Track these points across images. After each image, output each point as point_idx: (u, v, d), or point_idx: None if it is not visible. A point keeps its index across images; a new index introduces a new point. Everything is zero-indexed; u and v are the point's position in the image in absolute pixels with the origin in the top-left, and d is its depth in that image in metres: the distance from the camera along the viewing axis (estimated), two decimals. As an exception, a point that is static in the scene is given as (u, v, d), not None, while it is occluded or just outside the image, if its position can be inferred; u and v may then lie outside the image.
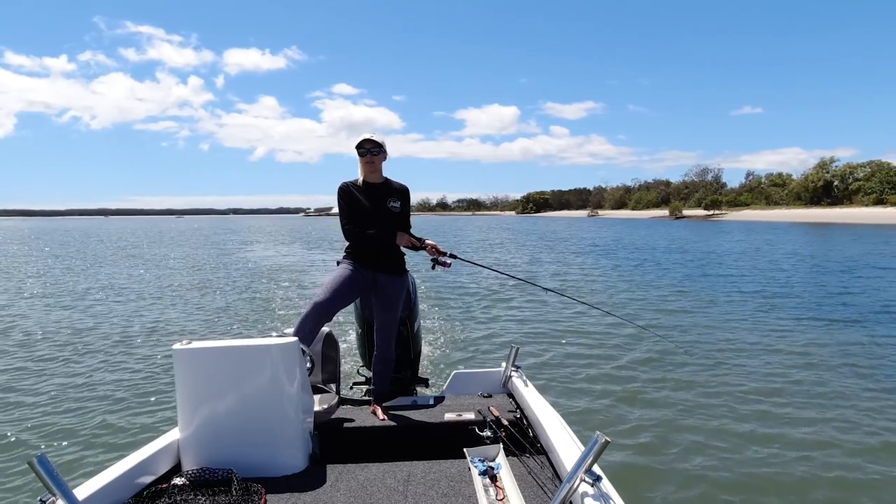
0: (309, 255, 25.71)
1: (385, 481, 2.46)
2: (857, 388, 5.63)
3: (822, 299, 11.11)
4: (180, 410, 2.57)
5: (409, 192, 3.47)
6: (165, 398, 5.50)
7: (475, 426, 3.00)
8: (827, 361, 6.57)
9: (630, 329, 8.33)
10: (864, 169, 74.50)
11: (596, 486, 1.80)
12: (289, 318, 9.87)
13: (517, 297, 11.85)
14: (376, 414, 3.20)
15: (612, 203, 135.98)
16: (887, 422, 4.77)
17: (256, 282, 15.26)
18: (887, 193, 65.99)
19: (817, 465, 4.04)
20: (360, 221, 3.29)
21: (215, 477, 2.35)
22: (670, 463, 4.09)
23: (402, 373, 3.83)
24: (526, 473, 2.45)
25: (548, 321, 9.26)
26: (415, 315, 3.98)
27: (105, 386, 6.00)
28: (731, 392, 5.53)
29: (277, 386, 2.56)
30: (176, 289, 14.04)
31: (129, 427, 4.89)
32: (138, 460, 2.36)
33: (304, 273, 17.41)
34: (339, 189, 3.36)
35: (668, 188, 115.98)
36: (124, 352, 7.50)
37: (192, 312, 10.66)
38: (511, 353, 3.58)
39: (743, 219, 71.61)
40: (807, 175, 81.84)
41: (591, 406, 5.25)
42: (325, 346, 3.50)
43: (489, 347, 7.56)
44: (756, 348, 7.26)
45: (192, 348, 2.51)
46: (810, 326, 8.57)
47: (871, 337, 7.76)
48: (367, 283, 3.34)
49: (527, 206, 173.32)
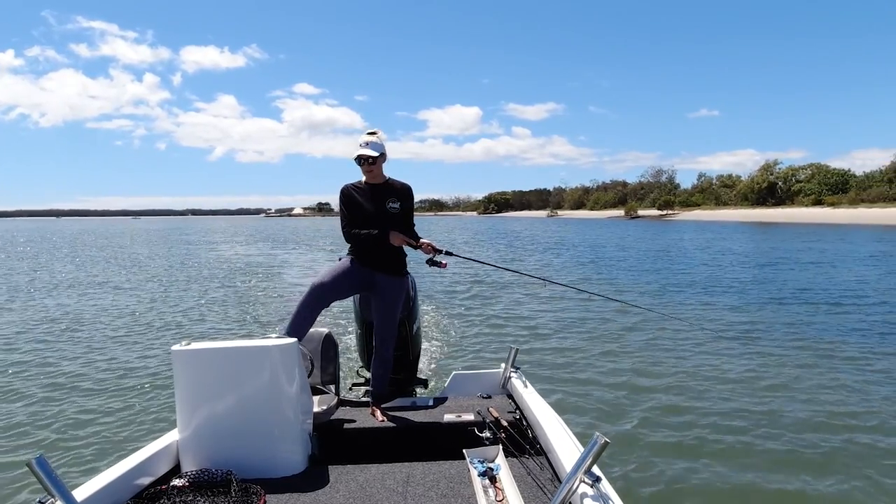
0: (292, 253, 26.22)
1: (384, 482, 2.46)
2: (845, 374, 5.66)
3: (798, 294, 11.61)
4: (179, 412, 2.56)
5: (411, 190, 3.49)
6: (164, 399, 5.49)
7: (474, 427, 3.00)
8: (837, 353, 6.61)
9: (628, 329, 8.34)
10: (805, 171, 78.83)
11: (595, 486, 1.80)
12: (287, 318, 9.85)
13: (517, 296, 11.85)
14: (375, 415, 3.20)
15: (572, 203, 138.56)
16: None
17: (246, 280, 15.30)
18: (825, 195, 69.74)
19: (817, 464, 4.05)
20: (359, 223, 3.33)
21: (214, 478, 2.35)
22: (670, 463, 4.09)
23: (401, 374, 3.83)
24: (525, 474, 2.45)
25: (547, 322, 9.26)
26: (414, 316, 3.98)
27: (104, 387, 5.99)
28: (731, 393, 5.54)
29: (277, 387, 2.56)
30: (174, 289, 14.03)
31: (127, 428, 4.88)
32: (137, 461, 2.36)
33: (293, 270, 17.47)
34: (340, 192, 3.42)
35: (625, 189, 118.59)
36: (123, 352, 7.49)
37: (191, 312, 10.65)
38: (510, 354, 3.58)
39: (694, 218, 74.96)
40: (752, 177, 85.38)
41: (590, 407, 5.25)
42: (325, 346, 3.50)
43: (488, 348, 7.56)
44: (751, 348, 7.28)
45: (191, 349, 2.51)
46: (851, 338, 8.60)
47: (793, 315, 9.21)
48: (366, 281, 3.35)
49: (488, 206, 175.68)
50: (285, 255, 25.73)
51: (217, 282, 15.56)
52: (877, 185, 64.36)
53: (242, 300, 12.19)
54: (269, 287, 14.30)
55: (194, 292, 13.55)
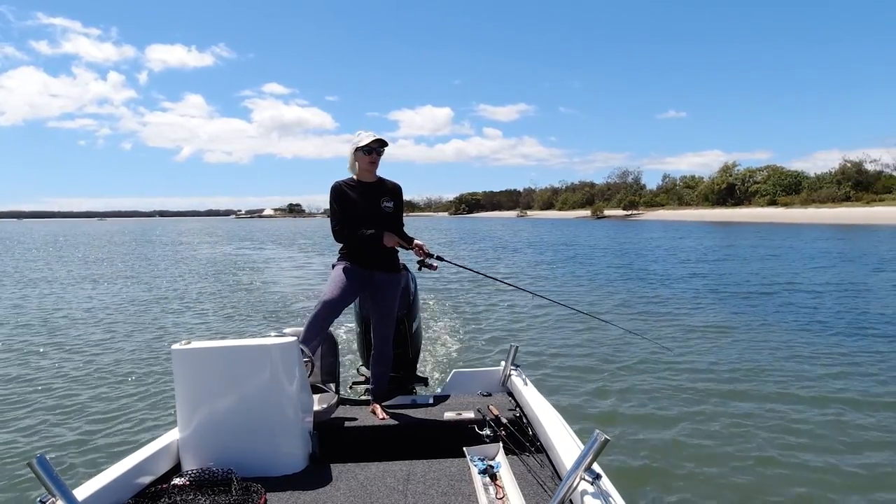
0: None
1: (385, 480, 2.46)
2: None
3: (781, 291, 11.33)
4: (179, 411, 2.56)
5: (401, 190, 3.45)
6: (165, 398, 5.49)
7: (475, 425, 3.00)
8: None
9: (627, 328, 8.34)
10: (762, 173, 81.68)
11: (595, 484, 1.80)
12: (286, 317, 9.88)
13: (516, 297, 11.85)
14: (376, 413, 3.20)
15: (541, 204, 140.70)
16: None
17: (240, 277, 15.30)
18: (779, 195, 73.38)
19: (817, 464, 4.05)
20: (353, 221, 3.27)
21: (215, 477, 2.35)
22: (670, 461, 4.09)
23: (401, 372, 3.83)
24: (525, 472, 2.45)
25: (547, 320, 9.27)
26: (414, 314, 3.97)
27: (104, 386, 6.00)
28: (731, 390, 5.54)
29: (277, 386, 2.56)
30: (172, 289, 14.03)
31: (128, 427, 4.88)
32: (138, 460, 2.36)
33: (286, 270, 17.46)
34: (332, 189, 3.32)
35: (593, 190, 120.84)
36: (122, 352, 7.49)
37: (189, 311, 10.65)
38: (510, 351, 3.58)
39: (657, 218, 77.76)
40: (713, 178, 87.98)
41: (590, 404, 5.26)
42: (324, 345, 3.50)
43: (488, 346, 7.56)
44: (748, 349, 7.28)
45: (191, 348, 2.51)
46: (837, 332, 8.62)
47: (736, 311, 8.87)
48: (365, 282, 3.33)
49: (460, 206, 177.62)
50: (270, 253, 26.51)
51: (211, 278, 15.74)
52: (827, 186, 68.37)
53: (240, 298, 12.20)
54: (263, 282, 14.36)
55: (191, 291, 13.56)
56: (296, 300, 11.87)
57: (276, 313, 10.32)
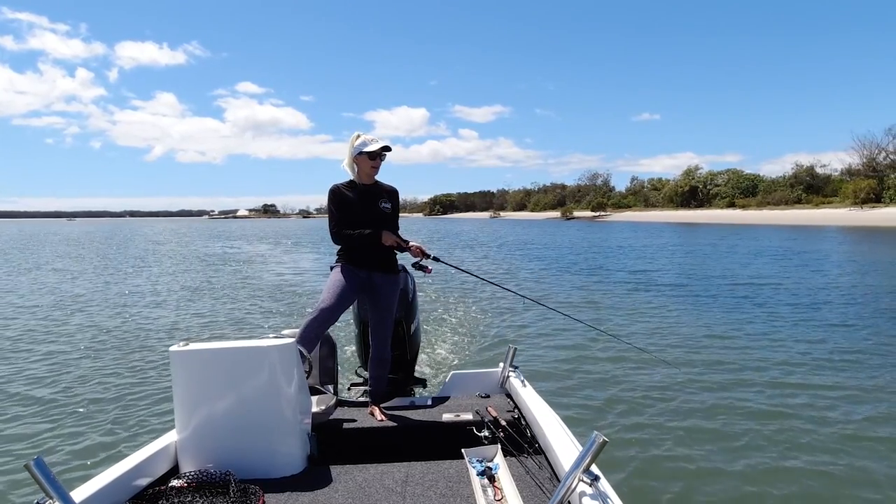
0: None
1: (383, 482, 2.46)
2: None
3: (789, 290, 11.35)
4: (177, 412, 2.56)
5: (398, 193, 3.50)
6: (162, 400, 5.48)
7: (473, 426, 3.00)
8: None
9: (626, 328, 8.35)
10: (723, 176, 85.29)
11: (594, 485, 1.80)
12: (286, 318, 9.86)
13: (514, 298, 11.84)
14: (374, 415, 3.20)
15: (514, 205, 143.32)
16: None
17: (233, 274, 15.28)
18: (737, 197, 77.60)
19: (815, 463, 4.06)
20: (351, 223, 3.28)
21: (213, 479, 2.35)
22: (669, 462, 4.09)
23: (399, 373, 3.83)
24: (524, 473, 2.45)
25: (546, 321, 9.26)
26: (412, 315, 3.97)
27: (102, 388, 5.98)
28: (729, 392, 5.55)
29: (275, 387, 2.56)
30: (170, 290, 14.01)
31: (126, 429, 4.87)
32: (135, 462, 2.35)
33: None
34: (330, 192, 3.34)
35: (564, 191, 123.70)
36: (120, 353, 7.47)
37: (188, 310, 10.63)
38: (509, 353, 3.58)
39: (624, 219, 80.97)
40: (676, 181, 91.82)
41: (588, 406, 5.26)
42: (323, 347, 3.50)
43: (487, 348, 7.56)
44: (743, 347, 7.29)
45: (190, 350, 2.51)
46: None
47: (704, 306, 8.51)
48: (364, 283, 3.34)
49: (434, 207, 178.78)
50: (261, 250, 27.01)
51: (204, 275, 15.70)
52: (780, 189, 72.35)
53: (240, 298, 12.18)
54: (260, 280, 14.35)
55: (187, 290, 13.53)
56: (295, 299, 11.86)
57: (275, 312, 10.31)
